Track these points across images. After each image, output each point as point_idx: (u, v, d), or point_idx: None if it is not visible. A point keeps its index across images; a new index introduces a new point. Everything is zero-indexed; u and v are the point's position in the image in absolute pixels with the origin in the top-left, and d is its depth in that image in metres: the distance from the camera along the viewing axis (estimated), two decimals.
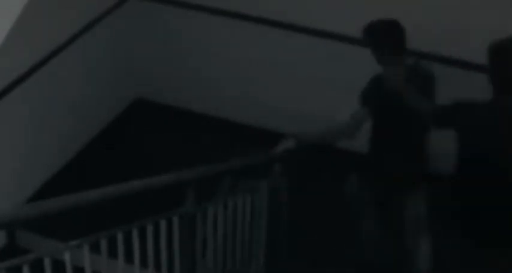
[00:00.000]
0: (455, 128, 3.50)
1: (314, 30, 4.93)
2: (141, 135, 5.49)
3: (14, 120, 4.52)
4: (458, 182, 3.61)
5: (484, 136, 3.42)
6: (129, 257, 3.05)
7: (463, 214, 3.60)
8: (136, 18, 5.37)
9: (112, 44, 5.30)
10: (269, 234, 4.16)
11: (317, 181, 4.93)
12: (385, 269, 4.26)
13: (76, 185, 3.21)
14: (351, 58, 4.80)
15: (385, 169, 4.01)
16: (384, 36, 3.84)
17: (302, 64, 5.11)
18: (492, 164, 3.40)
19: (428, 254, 4.10)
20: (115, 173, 3.96)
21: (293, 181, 4.11)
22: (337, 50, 4.89)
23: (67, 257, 2.72)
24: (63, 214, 2.70)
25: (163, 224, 3.18)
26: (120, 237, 2.92)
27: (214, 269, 3.78)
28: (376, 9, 4.12)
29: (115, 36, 5.29)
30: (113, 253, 2.93)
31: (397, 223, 4.06)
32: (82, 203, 2.81)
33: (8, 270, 2.57)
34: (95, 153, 5.25)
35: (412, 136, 3.94)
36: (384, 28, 3.84)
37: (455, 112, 3.54)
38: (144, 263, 3.17)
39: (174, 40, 5.44)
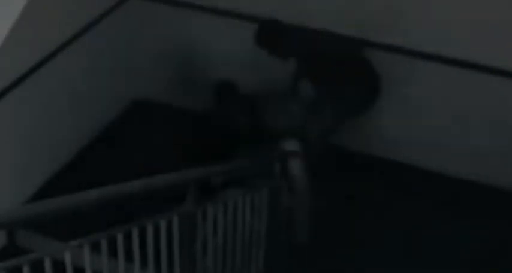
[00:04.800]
0: None
1: None
2: (141, 135, 5.49)
3: (14, 120, 4.52)
4: None
5: None
6: (129, 257, 3.05)
7: None
8: (136, 18, 5.37)
9: (112, 43, 5.30)
10: (269, 234, 4.16)
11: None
12: None
13: (76, 185, 3.21)
14: None
15: None
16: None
17: None
18: None
19: None
20: (115, 173, 3.96)
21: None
22: None
23: (67, 257, 2.72)
24: (63, 214, 2.71)
25: (163, 224, 3.18)
26: (120, 237, 2.92)
27: (214, 269, 3.78)
28: None
29: (115, 36, 5.29)
30: (112, 253, 2.94)
31: None
32: (82, 203, 2.82)
33: (8, 270, 2.57)
34: (94, 153, 5.25)
35: None
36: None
37: None
38: (144, 263, 3.17)
39: (174, 39, 5.44)
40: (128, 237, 2.97)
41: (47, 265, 2.64)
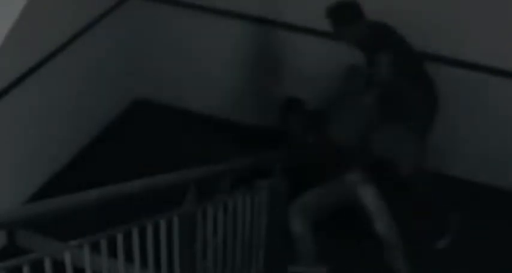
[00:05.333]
0: None
1: None
2: (141, 135, 5.49)
3: (14, 120, 4.52)
4: None
5: None
6: (129, 257, 3.05)
7: None
8: (136, 18, 5.37)
9: (112, 43, 5.30)
10: (269, 235, 4.16)
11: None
12: None
13: (76, 185, 3.21)
14: None
15: None
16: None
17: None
18: None
19: None
20: (115, 173, 3.96)
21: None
22: None
23: (67, 257, 2.72)
24: (63, 214, 2.70)
25: (163, 224, 3.18)
26: (120, 237, 2.92)
27: (214, 270, 3.77)
28: None
29: (115, 36, 5.29)
30: (112, 253, 2.94)
31: None
32: (82, 203, 2.81)
33: (8, 270, 2.57)
34: (95, 153, 5.25)
35: None
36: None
37: None
38: (144, 263, 3.17)
39: (174, 39, 5.44)
40: (127, 237, 2.97)
41: (47, 265, 2.63)
